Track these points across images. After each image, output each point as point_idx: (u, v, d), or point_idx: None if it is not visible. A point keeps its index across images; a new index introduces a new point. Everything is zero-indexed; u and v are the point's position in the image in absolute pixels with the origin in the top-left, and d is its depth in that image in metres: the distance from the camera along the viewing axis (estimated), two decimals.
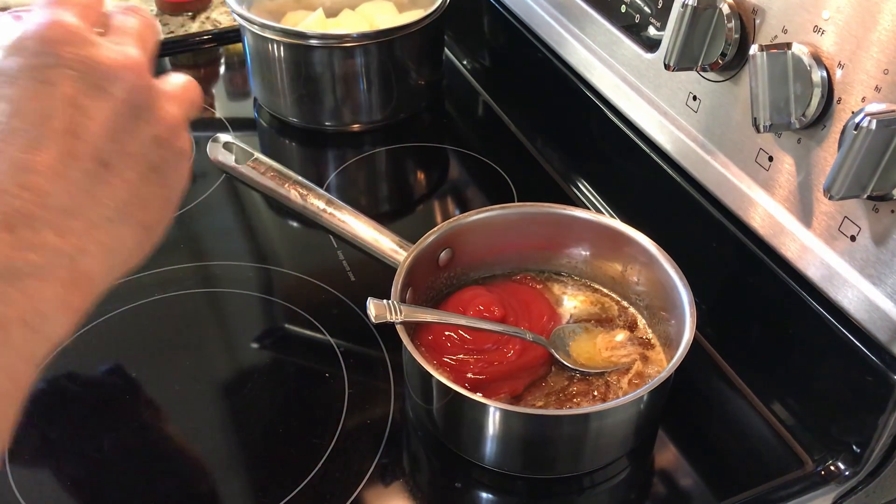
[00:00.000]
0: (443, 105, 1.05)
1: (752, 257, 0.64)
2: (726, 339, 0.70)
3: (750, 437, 0.64)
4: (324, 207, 0.69)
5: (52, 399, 0.66)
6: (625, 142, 0.77)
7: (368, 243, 0.68)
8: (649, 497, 0.62)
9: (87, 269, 0.39)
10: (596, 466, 0.61)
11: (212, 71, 1.13)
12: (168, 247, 0.81)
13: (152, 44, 0.47)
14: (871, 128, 0.46)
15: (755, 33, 0.58)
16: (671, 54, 0.60)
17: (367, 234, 0.68)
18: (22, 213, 0.37)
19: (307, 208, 0.70)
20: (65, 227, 0.38)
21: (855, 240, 0.54)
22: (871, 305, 0.54)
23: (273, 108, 0.98)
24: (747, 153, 0.62)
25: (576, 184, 0.88)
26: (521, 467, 0.61)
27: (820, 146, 0.55)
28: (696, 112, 0.66)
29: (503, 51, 1.03)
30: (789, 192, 0.59)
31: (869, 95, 0.50)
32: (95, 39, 0.41)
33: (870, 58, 0.50)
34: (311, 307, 0.73)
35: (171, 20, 1.16)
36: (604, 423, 0.57)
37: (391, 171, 0.97)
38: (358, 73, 0.92)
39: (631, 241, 0.67)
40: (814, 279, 0.58)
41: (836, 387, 0.60)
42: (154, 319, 0.73)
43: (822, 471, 0.60)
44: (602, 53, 0.77)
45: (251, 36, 0.93)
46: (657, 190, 0.74)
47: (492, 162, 0.92)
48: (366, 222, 0.69)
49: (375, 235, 0.68)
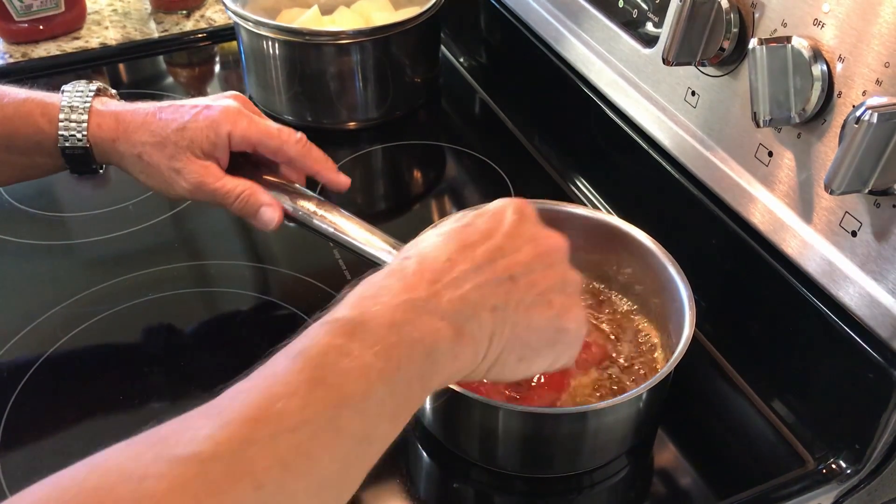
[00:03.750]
0: (439, 102, 1.05)
1: (752, 253, 0.63)
2: (726, 336, 0.70)
3: (750, 435, 0.64)
4: (314, 210, 0.68)
5: (44, 399, 0.65)
6: (623, 138, 0.76)
7: (361, 246, 0.66)
8: (649, 496, 0.62)
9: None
10: (595, 465, 0.60)
11: (206, 69, 1.12)
12: (163, 246, 0.81)
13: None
14: (872, 121, 0.46)
15: (754, 27, 0.58)
16: (669, 49, 0.59)
17: (360, 236, 0.67)
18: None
19: (297, 210, 0.69)
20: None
21: (856, 235, 0.53)
22: (872, 301, 0.54)
23: (268, 106, 0.97)
24: (747, 148, 0.61)
25: (574, 181, 0.88)
26: (520, 466, 0.60)
27: (820, 141, 0.54)
28: (694, 107, 0.65)
29: (500, 48, 1.02)
30: (789, 187, 0.58)
31: (870, 89, 0.50)
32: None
33: (870, 51, 0.50)
34: (308, 306, 0.73)
35: (165, 18, 1.16)
36: (603, 421, 0.57)
37: (388, 170, 0.96)
38: (354, 70, 0.92)
39: (628, 238, 0.66)
40: (814, 275, 0.58)
41: (838, 384, 0.60)
42: (149, 319, 0.72)
43: (824, 469, 0.60)
44: (600, 49, 0.77)
45: (246, 33, 0.92)
46: (656, 186, 0.74)
47: (489, 159, 0.92)
48: (358, 224, 0.67)
49: (367, 237, 0.67)
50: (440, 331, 0.42)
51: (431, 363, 0.42)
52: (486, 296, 0.45)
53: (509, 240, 0.48)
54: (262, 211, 0.66)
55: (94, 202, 0.86)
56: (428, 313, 0.43)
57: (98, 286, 0.74)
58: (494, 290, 0.45)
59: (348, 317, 0.41)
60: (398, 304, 0.42)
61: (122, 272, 0.76)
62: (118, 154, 0.66)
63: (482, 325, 0.44)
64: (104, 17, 1.16)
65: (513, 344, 0.46)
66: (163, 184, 0.66)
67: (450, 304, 0.44)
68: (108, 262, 0.79)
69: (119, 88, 1.08)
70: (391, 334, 0.41)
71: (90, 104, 0.66)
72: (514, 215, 0.50)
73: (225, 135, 0.65)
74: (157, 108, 0.66)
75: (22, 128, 0.65)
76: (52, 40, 1.10)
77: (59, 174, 0.69)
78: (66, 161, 0.66)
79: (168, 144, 0.65)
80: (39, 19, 1.08)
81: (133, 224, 0.82)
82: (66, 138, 0.65)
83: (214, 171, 0.66)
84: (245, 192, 0.66)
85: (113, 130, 0.66)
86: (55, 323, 0.71)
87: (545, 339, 0.48)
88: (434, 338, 0.42)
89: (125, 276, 0.76)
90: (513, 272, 0.47)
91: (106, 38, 1.11)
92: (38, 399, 0.65)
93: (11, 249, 0.80)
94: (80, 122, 0.65)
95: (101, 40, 1.11)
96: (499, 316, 0.45)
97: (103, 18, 1.16)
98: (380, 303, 0.42)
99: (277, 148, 0.67)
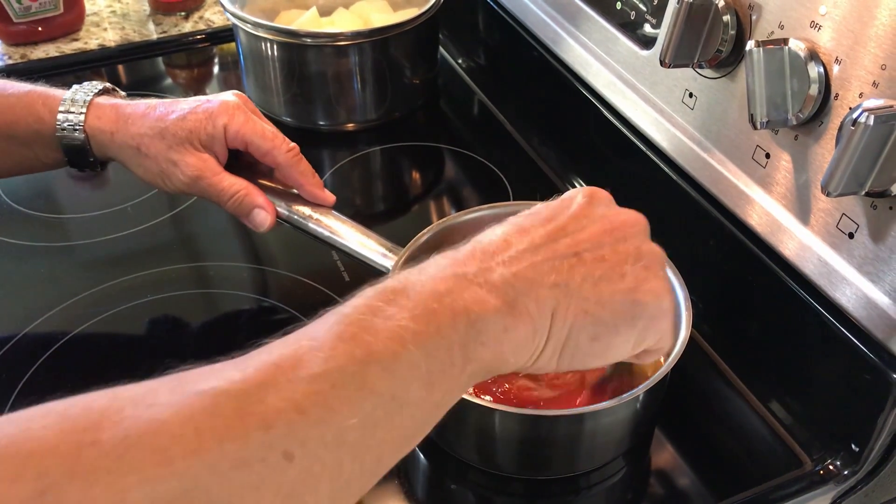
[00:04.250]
0: (438, 104, 1.05)
1: (749, 255, 0.63)
2: (724, 337, 0.70)
3: (748, 436, 0.64)
4: (310, 213, 0.68)
5: (44, 400, 0.65)
6: (621, 140, 0.76)
7: (356, 249, 0.66)
8: (646, 497, 0.62)
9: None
10: (592, 467, 0.60)
11: (205, 71, 1.12)
12: (162, 247, 0.81)
13: None
14: (868, 123, 0.46)
15: (751, 29, 0.58)
16: (667, 51, 0.59)
17: (355, 239, 0.67)
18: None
19: (293, 214, 0.68)
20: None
21: (853, 237, 0.54)
22: (869, 303, 0.54)
23: (266, 107, 0.97)
24: (744, 150, 0.61)
25: (572, 182, 0.88)
26: (517, 468, 0.60)
27: (817, 143, 0.54)
28: (692, 109, 0.66)
29: (498, 49, 1.02)
30: (787, 189, 0.58)
31: (866, 91, 0.50)
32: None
33: (867, 53, 0.50)
34: (306, 308, 0.73)
35: (164, 20, 1.16)
36: (599, 423, 0.57)
37: (386, 171, 0.96)
38: (352, 72, 0.92)
39: None
40: (811, 277, 0.58)
41: (835, 385, 0.60)
42: (148, 321, 0.72)
43: (821, 470, 0.60)
44: (598, 51, 0.77)
45: (244, 35, 0.92)
46: (654, 188, 0.74)
47: (487, 161, 0.92)
48: (353, 227, 0.67)
49: (363, 240, 0.67)
50: (487, 302, 0.41)
51: (476, 333, 0.40)
52: (544, 272, 0.43)
53: (574, 220, 0.46)
54: (255, 212, 0.67)
55: (92, 204, 0.86)
56: (476, 285, 0.41)
57: (97, 287, 0.74)
58: (555, 265, 0.43)
59: (391, 285, 0.40)
60: (444, 277, 0.41)
61: (120, 273, 0.76)
62: (116, 146, 0.66)
63: (540, 301, 0.42)
64: (103, 18, 1.17)
65: (583, 321, 0.44)
66: (160, 177, 0.66)
67: (501, 279, 0.42)
68: (107, 263, 0.79)
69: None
70: (432, 301, 0.39)
71: (91, 98, 0.67)
72: (584, 199, 0.48)
73: (221, 126, 0.65)
74: (158, 102, 0.67)
75: (23, 117, 0.66)
76: (50, 42, 1.10)
77: (60, 174, 0.70)
78: (64, 152, 0.67)
79: (167, 135, 0.65)
80: (38, 21, 1.08)
81: (132, 225, 0.82)
82: (63, 127, 0.65)
83: (212, 166, 0.66)
84: (241, 192, 0.66)
85: (112, 122, 0.66)
86: (54, 324, 0.71)
87: (620, 313, 0.45)
88: (480, 308, 0.40)
89: (124, 277, 0.76)
90: (578, 248, 0.45)
91: (105, 40, 1.11)
92: (37, 401, 0.65)
93: (10, 251, 0.80)
94: (79, 112, 0.66)
95: (99, 42, 1.11)
96: (560, 291, 0.43)
97: (102, 20, 1.16)
98: (425, 274, 0.41)
99: (268, 151, 0.67)
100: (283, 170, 0.68)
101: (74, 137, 0.66)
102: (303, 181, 0.68)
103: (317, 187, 0.68)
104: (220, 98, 0.67)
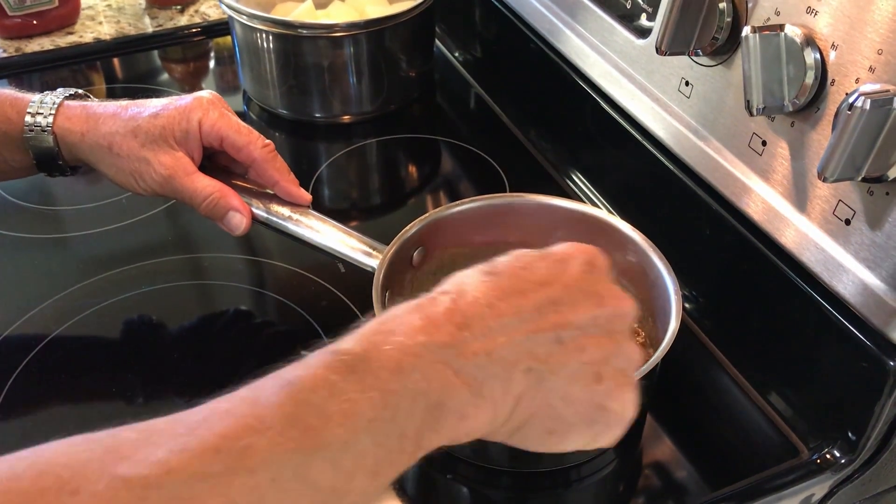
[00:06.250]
0: (434, 96, 1.04)
1: (746, 243, 0.63)
2: (720, 326, 0.69)
3: (744, 425, 0.64)
4: (288, 214, 0.67)
5: (37, 391, 0.65)
6: (618, 130, 0.76)
7: (337, 248, 0.65)
8: (639, 489, 0.61)
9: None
10: (582, 459, 0.60)
11: (201, 64, 1.12)
12: (157, 239, 0.80)
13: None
14: (865, 108, 0.46)
15: (748, 16, 0.57)
16: (663, 38, 0.59)
17: (335, 238, 0.65)
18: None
19: (270, 215, 0.67)
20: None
21: (850, 223, 0.53)
22: (866, 290, 0.53)
23: (262, 100, 0.97)
24: (741, 138, 0.61)
25: (569, 174, 0.88)
26: (508, 461, 0.60)
27: (814, 129, 0.54)
28: (688, 98, 0.65)
29: (494, 41, 1.02)
30: (783, 176, 0.58)
31: (863, 76, 0.50)
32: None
33: (863, 38, 0.50)
34: (302, 299, 0.73)
35: (159, 13, 1.15)
36: None
37: (382, 163, 0.96)
38: (348, 63, 0.92)
39: (613, 230, 0.65)
40: (809, 264, 0.57)
41: (832, 374, 0.59)
42: (142, 312, 0.72)
43: (818, 459, 0.60)
44: (594, 41, 0.77)
45: (240, 27, 0.92)
46: (651, 178, 0.74)
47: (484, 153, 0.91)
48: (333, 226, 0.66)
49: (343, 238, 0.65)
50: (452, 386, 0.38)
51: (433, 421, 0.37)
52: (520, 354, 0.40)
53: (567, 291, 0.42)
54: (230, 215, 0.65)
55: (87, 196, 0.86)
56: (444, 364, 0.38)
57: (91, 279, 0.74)
58: (533, 349, 0.40)
59: (353, 351, 0.37)
60: (411, 346, 0.38)
61: (115, 265, 0.76)
62: (87, 147, 0.65)
63: (509, 386, 0.39)
64: (98, 12, 1.16)
65: (544, 413, 0.41)
66: (132, 176, 0.65)
67: (473, 358, 0.38)
68: (102, 255, 0.78)
69: (113, 83, 1.09)
70: (393, 380, 0.36)
71: (61, 100, 0.66)
72: (583, 265, 0.44)
73: (196, 122, 0.64)
74: (129, 102, 0.66)
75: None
76: (45, 35, 1.09)
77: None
78: (33, 155, 0.66)
79: (140, 133, 0.64)
80: (33, 14, 1.07)
81: (127, 217, 0.82)
82: (31, 129, 0.64)
83: (186, 165, 0.65)
84: (215, 194, 0.65)
85: (82, 123, 0.65)
86: (48, 316, 0.71)
87: (582, 415, 0.42)
88: (442, 392, 0.37)
89: (119, 269, 0.75)
90: (561, 331, 0.41)
91: (100, 33, 1.11)
92: (30, 391, 0.65)
93: (4, 242, 0.80)
94: (48, 114, 0.65)
95: (95, 35, 1.10)
96: (533, 378, 0.40)
97: (97, 13, 1.16)
98: (392, 341, 0.38)
99: (243, 146, 0.66)
100: (258, 166, 0.67)
101: (43, 139, 0.65)
102: (278, 177, 0.66)
103: (293, 185, 0.67)
104: (193, 95, 0.66)
